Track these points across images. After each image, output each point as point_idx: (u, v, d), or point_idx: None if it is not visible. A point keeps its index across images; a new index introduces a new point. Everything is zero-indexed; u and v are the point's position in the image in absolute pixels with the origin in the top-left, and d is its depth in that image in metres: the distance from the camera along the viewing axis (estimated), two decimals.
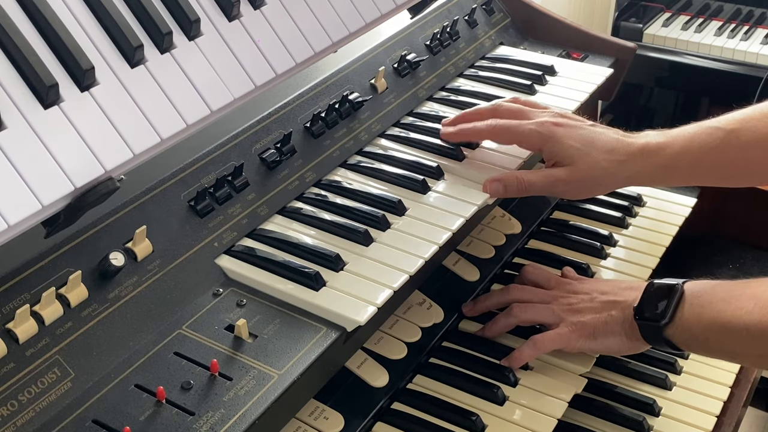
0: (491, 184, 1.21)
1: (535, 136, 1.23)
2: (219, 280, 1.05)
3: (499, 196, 1.22)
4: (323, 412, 1.05)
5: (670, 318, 1.08)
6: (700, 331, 1.07)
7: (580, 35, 1.68)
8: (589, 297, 1.19)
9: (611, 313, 1.15)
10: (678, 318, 1.08)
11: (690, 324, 1.07)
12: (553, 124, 1.24)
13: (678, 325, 1.08)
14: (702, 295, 1.08)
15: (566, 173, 1.21)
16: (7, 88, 0.89)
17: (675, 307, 1.08)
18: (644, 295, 1.12)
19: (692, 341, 1.10)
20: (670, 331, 1.09)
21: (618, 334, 1.14)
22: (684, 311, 1.08)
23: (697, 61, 2.84)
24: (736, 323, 1.02)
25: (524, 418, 1.10)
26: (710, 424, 1.19)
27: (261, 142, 1.19)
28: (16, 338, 0.88)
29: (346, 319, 1.00)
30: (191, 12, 1.07)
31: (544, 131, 1.23)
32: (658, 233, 1.44)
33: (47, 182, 0.89)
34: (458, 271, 1.30)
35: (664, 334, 1.09)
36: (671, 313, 1.08)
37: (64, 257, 0.95)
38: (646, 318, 1.10)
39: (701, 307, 1.07)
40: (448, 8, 1.56)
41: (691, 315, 1.07)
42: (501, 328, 1.21)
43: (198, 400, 0.90)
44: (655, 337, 1.11)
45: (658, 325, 1.09)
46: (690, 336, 1.08)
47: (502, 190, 1.21)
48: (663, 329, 1.09)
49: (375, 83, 1.36)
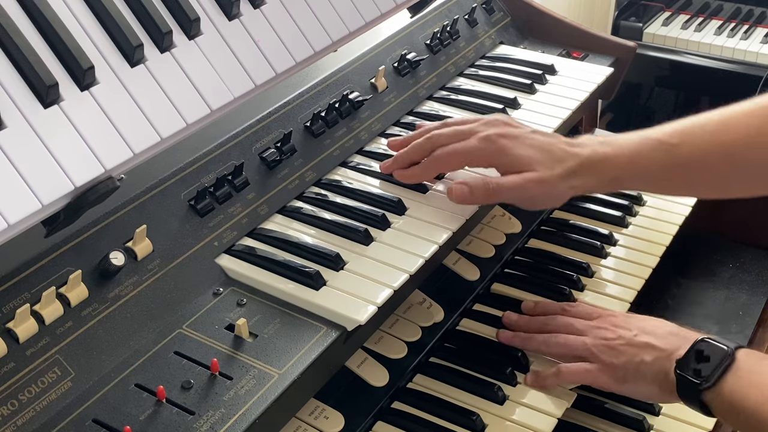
0: (457, 187, 1.17)
1: (483, 152, 1.18)
2: (219, 280, 1.05)
3: (465, 200, 1.17)
4: (323, 411, 1.05)
5: (713, 383, 1.01)
6: (741, 410, 1.00)
7: (581, 34, 1.68)
8: (629, 334, 1.13)
9: (645, 358, 1.09)
10: (721, 386, 1.01)
11: (732, 399, 1.01)
12: (498, 135, 1.19)
13: (719, 394, 1.02)
14: (754, 372, 1.01)
15: (536, 175, 1.16)
16: (7, 88, 0.89)
17: (722, 373, 1.02)
18: (690, 350, 1.05)
19: (730, 415, 1.03)
20: (709, 396, 1.02)
21: (650, 382, 1.09)
22: (729, 382, 1.01)
23: (697, 60, 2.84)
24: None
25: (524, 418, 1.10)
26: (710, 424, 1.19)
27: (261, 141, 1.19)
28: (16, 338, 0.88)
29: (347, 318, 1.00)
30: (191, 11, 1.07)
31: (493, 146, 1.18)
32: (658, 232, 1.44)
33: (47, 181, 0.89)
34: (458, 270, 1.29)
35: (701, 396, 1.03)
36: (716, 379, 1.01)
37: (64, 257, 0.95)
38: (686, 376, 1.04)
39: (749, 386, 1.00)
40: (448, 7, 1.56)
41: (735, 389, 1.01)
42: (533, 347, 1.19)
43: (198, 399, 0.90)
44: (692, 397, 1.04)
45: (698, 386, 1.02)
46: (729, 409, 1.02)
47: (468, 193, 1.16)
48: (702, 392, 1.02)
49: (375, 82, 1.36)
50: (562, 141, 1.21)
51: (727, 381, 1.02)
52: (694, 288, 1.48)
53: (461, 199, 1.17)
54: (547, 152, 1.18)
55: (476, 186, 1.17)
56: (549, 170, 1.17)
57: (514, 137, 1.19)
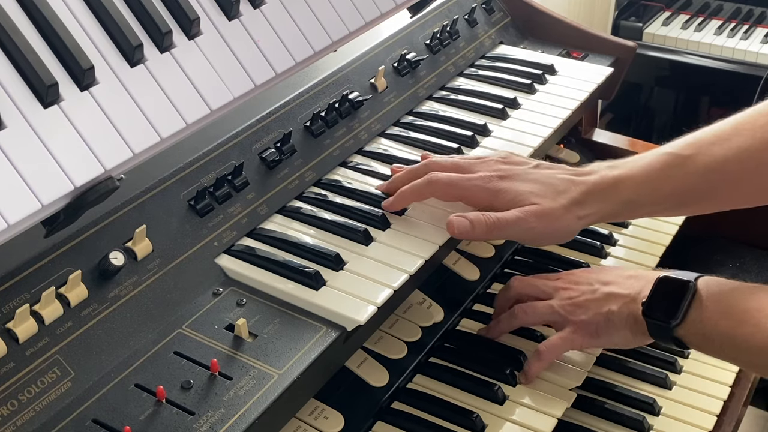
0: (457, 219, 1.11)
1: (481, 192, 1.14)
2: (219, 280, 1.05)
3: (467, 234, 1.12)
4: (323, 411, 1.05)
5: (681, 318, 1.04)
6: (715, 337, 1.02)
7: (580, 34, 1.68)
8: (591, 288, 1.15)
9: (612, 308, 1.11)
10: (690, 319, 1.03)
11: (704, 328, 1.03)
12: (498, 177, 1.14)
13: (690, 327, 1.03)
14: (718, 299, 1.03)
15: (536, 208, 1.11)
16: (6, 88, 0.89)
17: (687, 306, 1.03)
18: (653, 291, 1.07)
19: (705, 345, 1.05)
20: (681, 331, 1.04)
21: (622, 329, 1.11)
22: (697, 314, 1.03)
23: (696, 60, 2.85)
24: (759, 340, 0.98)
25: (524, 418, 1.10)
26: (710, 424, 1.19)
27: (261, 141, 1.19)
28: (15, 338, 0.88)
29: (346, 318, 1.00)
30: (191, 11, 1.07)
31: (491, 187, 1.13)
32: (658, 232, 1.44)
33: (47, 181, 0.88)
34: (458, 270, 1.29)
35: (673, 333, 1.05)
36: (683, 314, 1.03)
37: (64, 257, 0.95)
38: (654, 316, 1.06)
39: (717, 313, 1.02)
40: (448, 7, 1.56)
41: (705, 318, 1.02)
42: (503, 328, 1.21)
43: (198, 399, 0.90)
44: (664, 335, 1.06)
45: (668, 325, 1.04)
46: (703, 339, 1.04)
47: (469, 227, 1.11)
48: (673, 329, 1.04)
49: (375, 82, 1.36)
50: (567, 171, 1.17)
51: (695, 313, 1.03)
52: None
53: (463, 233, 1.12)
54: (547, 185, 1.14)
55: (477, 220, 1.12)
56: (551, 202, 1.12)
57: (513, 176, 1.15)
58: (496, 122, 1.41)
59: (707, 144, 1.14)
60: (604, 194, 1.14)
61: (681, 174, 1.14)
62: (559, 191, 1.14)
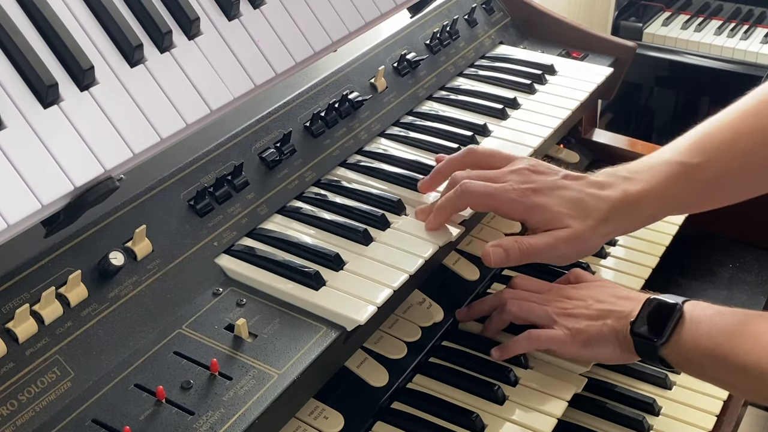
0: (493, 250, 1.14)
1: (516, 205, 1.15)
2: (219, 280, 1.05)
3: (501, 263, 1.15)
4: (323, 411, 1.05)
5: (666, 338, 1.07)
6: (696, 358, 1.07)
7: (580, 34, 1.68)
8: (585, 304, 1.18)
9: (606, 322, 1.14)
10: (675, 340, 1.07)
11: (686, 349, 1.07)
12: (532, 191, 1.15)
13: (674, 347, 1.07)
14: (701, 322, 1.07)
15: (567, 233, 1.14)
16: (6, 88, 0.89)
17: (673, 327, 1.07)
18: (642, 311, 1.11)
19: (687, 365, 1.09)
20: (665, 351, 1.08)
21: (611, 344, 1.13)
22: (681, 335, 1.07)
23: (696, 60, 2.85)
24: (733, 361, 1.02)
25: (524, 418, 1.10)
26: (710, 424, 1.19)
27: (261, 141, 1.19)
28: (15, 338, 0.88)
29: (346, 318, 1.00)
30: (191, 11, 1.07)
31: (527, 202, 1.15)
32: (658, 232, 1.44)
33: (47, 181, 0.88)
34: (458, 270, 1.29)
35: (659, 352, 1.09)
36: (668, 334, 1.07)
37: (64, 257, 0.95)
38: (641, 335, 1.10)
39: (699, 335, 1.06)
40: (448, 7, 1.56)
41: (688, 340, 1.07)
42: (497, 324, 1.21)
43: (198, 399, 0.90)
44: (650, 354, 1.10)
45: (653, 344, 1.08)
46: (685, 360, 1.08)
47: (504, 256, 1.14)
48: (658, 348, 1.08)
49: (375, 82, 1.36)
50: (590, 183, 1.18)
51: (679, 334, 1.07)
52: (694, 288, 1.48)
53: (498, 263, 1.15)
54: (577, 201, 1.16)
55: (511, 248, 1.14)
56: (581, 223, 1.14)
57: (545, 190, 1.16)
58: (496, 122, 1.41)
59: (712, 149, 1.18)
60: (628, 211, 1.17)
61: (692, 183, 1.18)
62: (587, 210, 1.16)
